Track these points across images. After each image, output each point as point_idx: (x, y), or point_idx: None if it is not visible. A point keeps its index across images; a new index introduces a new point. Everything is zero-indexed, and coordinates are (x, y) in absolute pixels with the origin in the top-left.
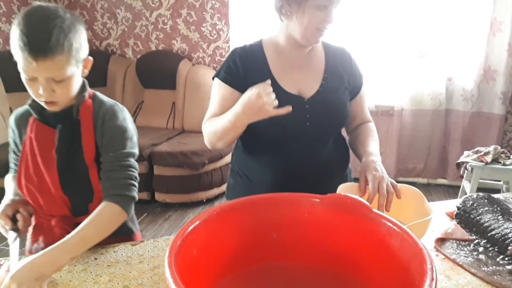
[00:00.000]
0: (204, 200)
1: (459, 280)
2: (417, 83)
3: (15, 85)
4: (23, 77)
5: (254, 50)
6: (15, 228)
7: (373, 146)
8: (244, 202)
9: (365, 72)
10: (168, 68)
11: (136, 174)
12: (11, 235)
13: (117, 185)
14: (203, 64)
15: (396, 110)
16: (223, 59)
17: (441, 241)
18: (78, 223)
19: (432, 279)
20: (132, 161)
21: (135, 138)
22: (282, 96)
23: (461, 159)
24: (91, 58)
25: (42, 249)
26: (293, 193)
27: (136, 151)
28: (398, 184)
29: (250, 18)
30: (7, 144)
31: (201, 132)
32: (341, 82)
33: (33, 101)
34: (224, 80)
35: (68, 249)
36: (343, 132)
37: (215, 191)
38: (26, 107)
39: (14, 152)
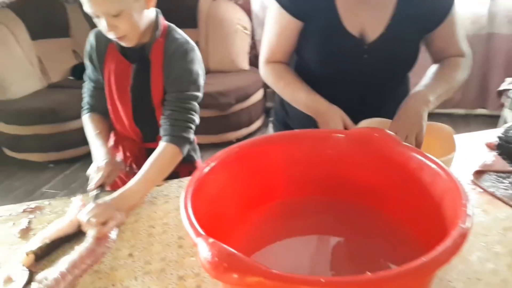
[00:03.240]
0: (234, 140)
1: (497, 214)
2: (457, 5)
3: (40, 32)
4: (94, 17)
5: None
6: (102, 186)
7: (434, 84)
8: (264, 140)
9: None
10: (188, 5)
11: (195, 117)
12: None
13: (176, 126)
14: None
15: None
16: None
17: (479, 173)
18: (146, 148)
19: (467, 215)
20: (193, 103)
21: (200, 80)
22: (342, 37)
23: (503, 87)
24: None
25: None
26: (315, 129)
27: (199, 93)
28: (428, 123)
29: None
30: (40, 92)
31: (226, 72)
32: (413, 23)
33: None
34: (285, 5)
35: (136, 191)
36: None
37: (244, 131)
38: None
39: (90, 78)
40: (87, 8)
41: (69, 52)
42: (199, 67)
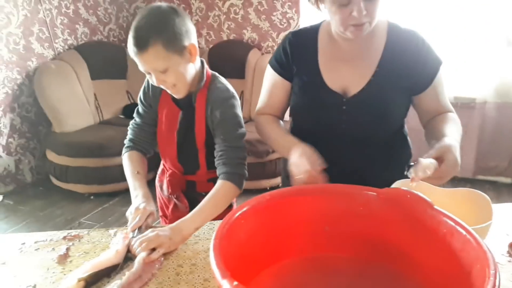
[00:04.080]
0: (268, 188)
1: None
2: (504, 73)
3: (100, 73)
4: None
5: (308, 35)
6: (139, 229)
7: (452, 132)
8: (296, 191)
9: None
10: (238, 57)
11: (245, 154)
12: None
13: (229, 164)
14: (272, 53)
15: (478, 103)
16: None
17: None
18: (186, 180)
19: (494, 286)
20: (241, 141)
21: (241, 121)
22: (322, 91)
23: None
24: (194, 44)
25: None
26: (347, 185)
27: (244, 131)
28: (462, 188)
29: None
30: (91, 127)
31: None
32: (397, 78)
33: None
34: (274, 67)
35: (191, 222)
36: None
37: (278, 180)
38: None
39: (140, 116)
40: (139, 65)
41: (123, 93)
42: (239, 111)
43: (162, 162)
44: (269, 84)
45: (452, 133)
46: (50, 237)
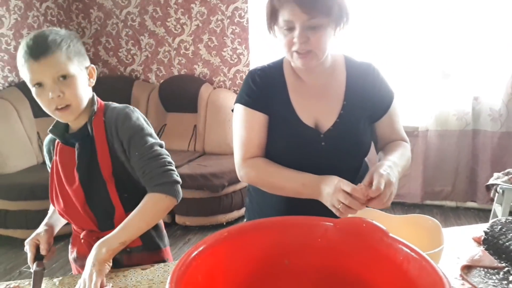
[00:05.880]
0: (224, 223)
1: None
2: (442, 103)
3: (42, 111)
4: (32, 89)
5: (273, 72)
6: (39, 256)
7: (395, 157)
8: (254, 226)
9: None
10: (190, 92)
11: (169, 159)
12: (35, 262)
13: (153, 177)
14: (224, 87)
15: (421, 131)
16: None
17: (467, 268)
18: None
19: None
20: (159, 149)
21: (153, 133)
22: (299, 127)
23: (491, 181)
24: (94, 66)
25: (76, 259)
26: (305, 216)
27: (160, 141)
28: (413, 215)
29: (269, 41)
30: (34, 167)
31: (221, 154)
32: (362, 109)
33: (54, 126)
34: (247, 103)
35: (115, 238)
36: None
37: (235, 214)
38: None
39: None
40: (32, 73)
41: None
42: (144, 122)
43: (71, 227)
44: (246, 124)
45: (393, 157)
46: None
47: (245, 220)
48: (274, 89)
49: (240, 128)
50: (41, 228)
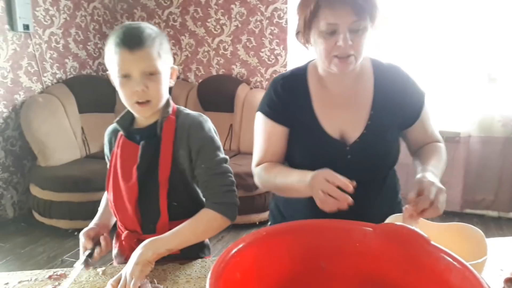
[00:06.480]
0: (257, 223)
1: None
2: (486, 108)
3: (88, 106)
4: (117, 79)
5: (296, 80)
6: (91, 253)
7: (433, 164)
8: (291, 227)
9: (428, 94)
10: (227, 91)
11: (233, 178)
12: (82, 257)
13: (215, 194)
14: (261, 88)
15: (463, 137)
16: None
17: (511, 281)
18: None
19: None
20: (225, 166)
21: (221, 146)
22: (323, 139)
23: None
24: (176, 67)
25: (116, 255)
26: (344, 220)
27: (226, 156)
28: (455, 223)
29: None
30: (77, 161)
31: None
32: (391, 117)
33: (121, 118)
34: (267, 114)
35: (164, 242)
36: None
37: (268, 214)
38: (115, 124)
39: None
40: (122, 64)
41: None
42: (216, 135)
43: (117, 224)
44: (265, 134)
45: (431, 166)
46: (35, 276)
47: (269, 223)
48: (297, 98)
49: (258, 136)
50: (96, 219)
